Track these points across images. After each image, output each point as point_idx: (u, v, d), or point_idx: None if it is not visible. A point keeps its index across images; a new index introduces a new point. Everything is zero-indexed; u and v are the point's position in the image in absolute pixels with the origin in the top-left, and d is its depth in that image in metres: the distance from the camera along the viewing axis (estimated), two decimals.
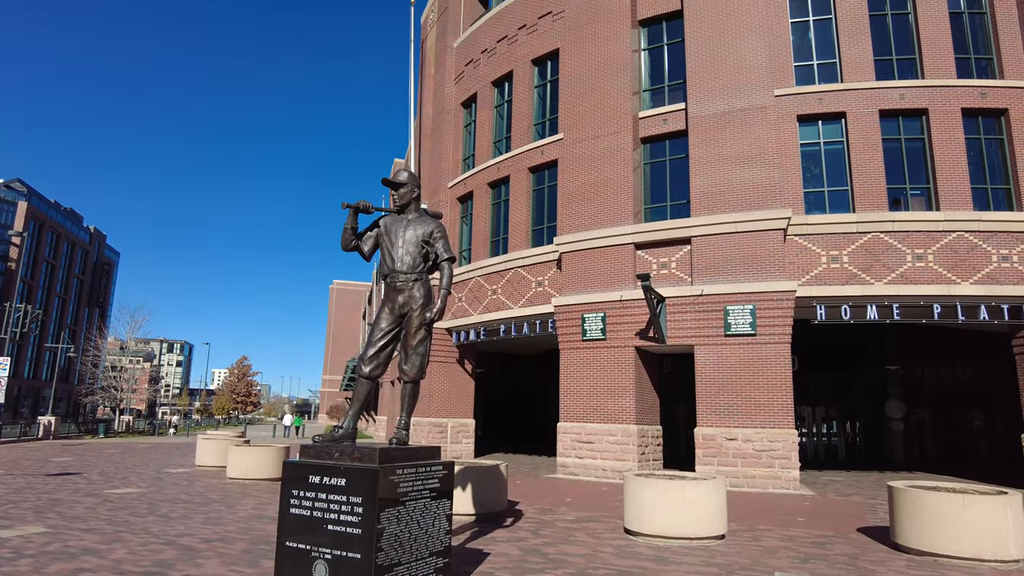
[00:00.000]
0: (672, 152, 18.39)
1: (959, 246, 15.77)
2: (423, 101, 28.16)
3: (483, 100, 23.79)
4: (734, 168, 16.69)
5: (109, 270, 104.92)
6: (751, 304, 15.78)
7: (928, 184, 16.60)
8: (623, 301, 17.35)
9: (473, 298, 22.11)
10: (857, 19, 17.43)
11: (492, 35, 23.55)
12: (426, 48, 29.06)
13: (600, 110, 18.92)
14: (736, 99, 17.01)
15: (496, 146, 23.19)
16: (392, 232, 6.29)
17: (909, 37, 17.47)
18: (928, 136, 16.71)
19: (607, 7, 19.35)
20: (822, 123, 17.25)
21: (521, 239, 20.91)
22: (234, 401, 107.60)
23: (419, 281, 6.13)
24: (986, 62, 17.23)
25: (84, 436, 38.40)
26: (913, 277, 15.76)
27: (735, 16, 17.44)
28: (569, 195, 19.15)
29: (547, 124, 21.30)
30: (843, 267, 16.10)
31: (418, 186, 6.61)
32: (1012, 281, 15.49)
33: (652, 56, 19.43)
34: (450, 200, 24.74)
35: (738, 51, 17.25)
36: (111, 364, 58.93)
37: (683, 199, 17.71)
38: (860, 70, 17.13)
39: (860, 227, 16.10)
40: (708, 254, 16.61)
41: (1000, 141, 16.73)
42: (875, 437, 24.72)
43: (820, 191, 16.95)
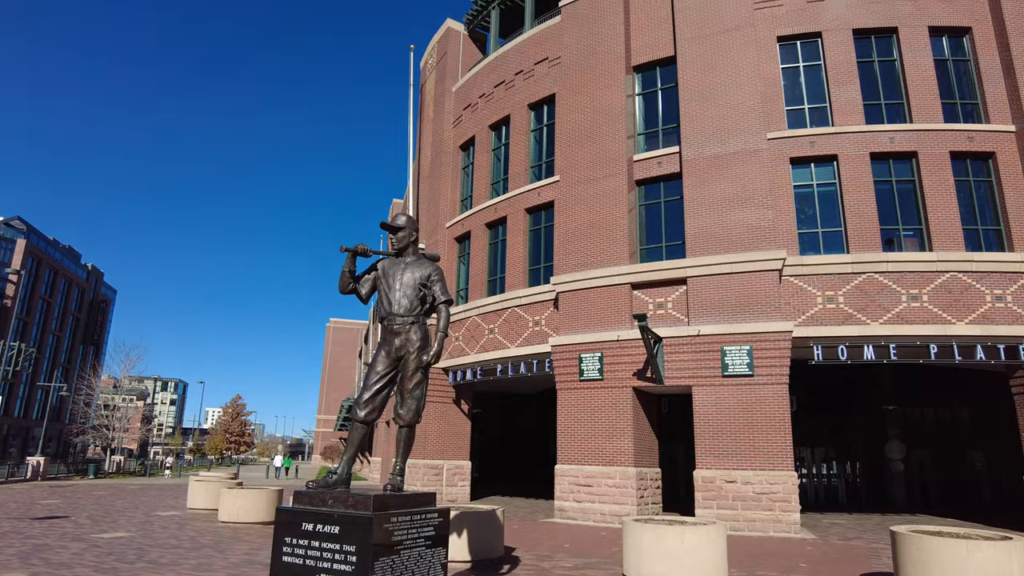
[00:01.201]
0: (667, 194, 18.64)
1: (953, 286, 15.88)
2: (422, 143, 28.61)
3: (481, 143, 24.17)
4: (728, 210, 16.90)
5: (105, 308, 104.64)
6: (748, 345, 15.79)
7: (920, 225, 16.80)
8: (620, 341, 17.34)
9: (470, 337, 22.07)
10: (845, 65, 17.89)
11: (490, 80, 24.08)
12: (425, 92, 29.66)
13: (595, 153, 19.23)
14: (729, 142, 17.33)
15: (494, 187, 23.48)
16: (390, 275, 6.33)
17: (896, 83, 17.91)
18: (918, 178, 16.99)
19: (602, 53, 19.85)
20: (815, 165, 17.54)
21: (518, 279, 21.00)
22: (227, 441, 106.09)
23: (416, 324, 6.15)
24: (972, 107, 17.64)
25: (73, 477, 37.74)
26: (909, 317, 15.82)
27: (727, 62, 17.89)
28: (566, 236, 19.31)
29: (544, 166, 21.62)
30: (839, 307, 16.16)
31: (416, 230, 6.68)
32: (1007, 321, 15.55)
33: (646, 101, 19.86)
34: (448, 240, 24.91)
35: (730, 96, 17.64)
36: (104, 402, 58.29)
37: (678, 240, 17.87)
38: (850, 114, 17.51)
39: (855, 267, 16.23)
40: (704, 294, 16.68)
41: (989, 183, 17.01)
42: (876, 478, 24.41)
43: (814, 232, 17.13)
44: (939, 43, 18.09)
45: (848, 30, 18.11)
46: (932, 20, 17.89)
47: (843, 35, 18.10)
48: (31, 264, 77.21)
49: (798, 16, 18.44)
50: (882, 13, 18.08)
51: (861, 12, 18.16)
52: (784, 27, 18.41)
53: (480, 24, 27.55)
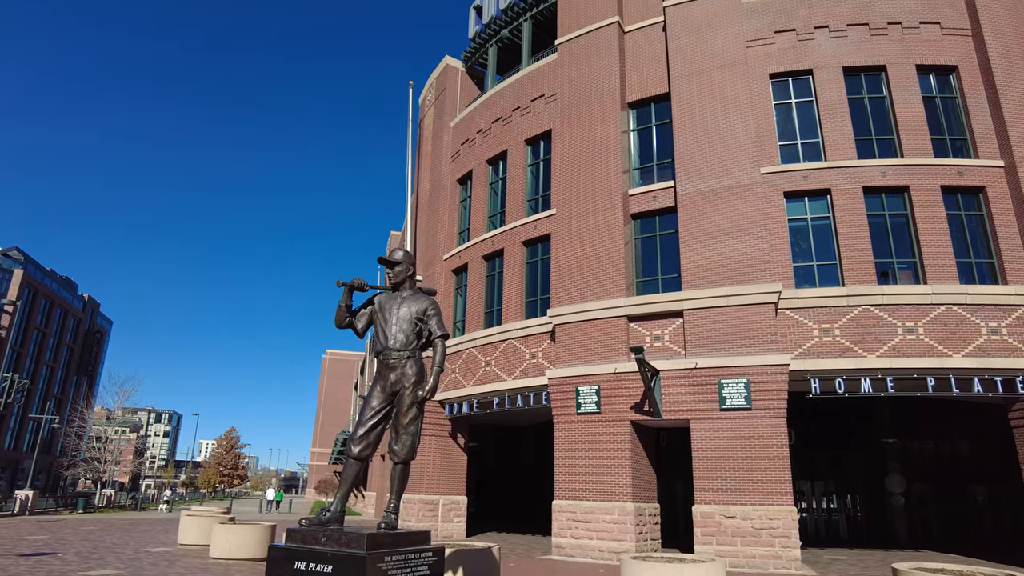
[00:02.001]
0: (662, 227, 18.81)
1: (948, 319, 15.93)
2: (420, 177, 28.92)
3: (478, 177, 24.44)
4: (723, 243, 17.03)
5: (100, 338, 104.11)
6: (745, 378, 15.76)
7: (914, 258, 16.93)
8: (617, 374, 17.29)
9: (467, 370, 21.99)
10: (836, 102, 18.22)
11: (487, 116, 24.46)
12: (424, 127, 30.09)
13: (591, 187, 19.45)
14: (723, 177, 17.55)
15: (491, 220, 23.66)
16: (386, 309, 6.34)
17: (887, 119, 18.23)
18: (911, 212, 17.17)
19: (597, 90, 20.22)
20: (808, 199, 17.74)
21: (515, 311, 21.02)
22: (221, 474, 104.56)
23: (412, 359, 6.14)
24: (961, 142, 17.93)
25: (63, 511, 37.08)
26: (905, 350, 15.83)
27: (720, 98, 18.22)
28: (562, 268, 19.41)
29: (540, 200, 21.83)
30: (835, 340, 16.18)
31: (413, 264, 6.71)
32: (1003, 353, 15.57)
33: (641, 136, 20.18)
34: (445, 272, 25.00)
35: (724, 131, 17.93)
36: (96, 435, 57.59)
37: (674, 273, 17.97)
38: (842, 149, 17.78)
39: (850, 300, 16.30)
40: (701, 327, 16.71)
41: (980, 217, 17.20)
42: (876, 512, 24.14)
43: (809, 265, 17.24)
44: (927, 81, 18.48)
45: (838, 68, 18.51)
46: (919, 59, 18.31)
47: (834, 73, 18.48)
48: (27, 294, 77.03)
49: (789, 54, 18.86)
50: (870, 52, 18.50)
51: (850, 51, 18.59)
52: (776, 65, 18.82)
53: (478, 61, 28.09)
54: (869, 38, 18.66)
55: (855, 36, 18.72)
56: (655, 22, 20.34)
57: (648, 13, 20.70)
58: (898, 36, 18.60)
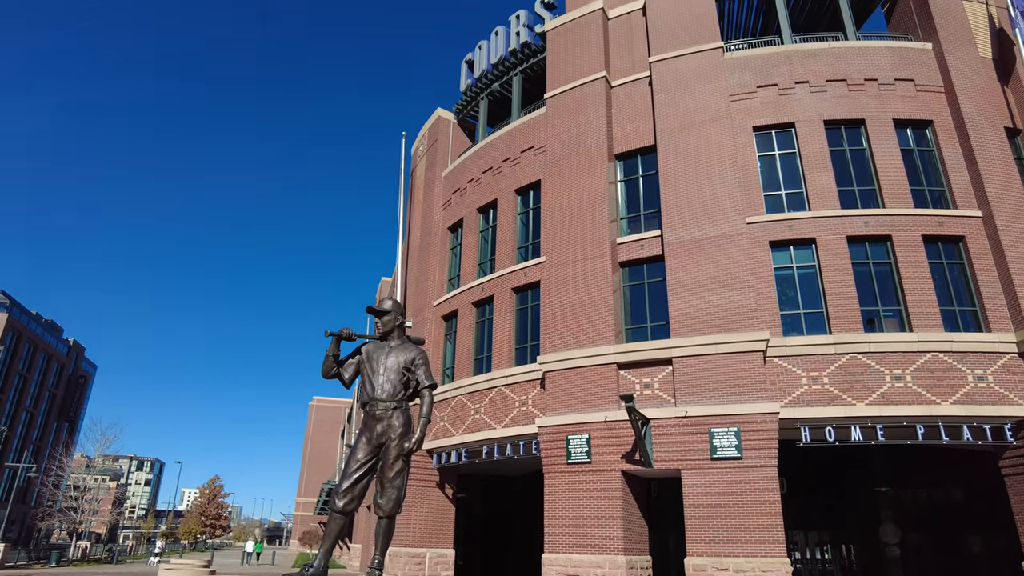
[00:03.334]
0: (650, 275, 18.98)
1: (935, 366, 16.02)
2: (411, 224, 29.16)
3: (469, 225, 24.69)
4: (711, 291, 17.19)
5: (84, 384, 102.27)
6: (735, 426, 15.69)
7: (899, 306, 17.12)
8: (608, 422, 17.17)
9: (455, 418, 21.75)
10: (819, 153, 18.70)
11: (478, 166, 24.88)
12: (416, 176, 30.50)
13: (580, 236, 19.68)
14: (709, 227, 17.84)
15: (481, 267, 23.80)
16: (374, 359, 6.32)
17: (867, 170, 18.69)
18: (894, 260, 17.45)
19: (585, 143, 20.67)
20: (794, 248, 18.01)
21: (505, 358, 20.95)
22: (203, 524, 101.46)
23: (399, 409, 6.09)
24: (939, 193, 18.38)
25: (34, 565, 35.75)
26: (894, 397, 15.86)
27: (705, 150, 18.67)
28: (552, 315, 19.45)
29: (530, 248, 22.03)
30: (824, 388, 16.20)
31: (402, 313, 6.72)
32: (990, 401, 15.63)
33: (628, 187, 20.56)
34: (435, 318, 24.97)
35: (709, 182, 18.30)
36: (74, 483, 55.93)
37: (663, 320, 18.05)
38: (826, 199, 18.15)
39: (837, 348, 16.39)
40: (690, 375, 16.70)
41: (961, 265, 17.50)
42: (872, 563, 23.69)
43: (796, 313, 17.39)
44: (904, 134, 19.06)
45: (819, 121, 19.06)
46: (895, 114, 18.92)
47: (815, 126, 19.03)
48: (11, 339, 75.89)
49: (772, 108, 19.43)
50: (849, 107, 19.11)
51: (830, 105, 19.19)
52: (759, 118, 19.37)
53: (469, 113, 28.72)
54: (848, 93, 19.30)
55: (834, 91, 19.36)
56: (641, 77, 20.98)
57: (634, 68, 21.37)
58: (875, 92, 19.25)
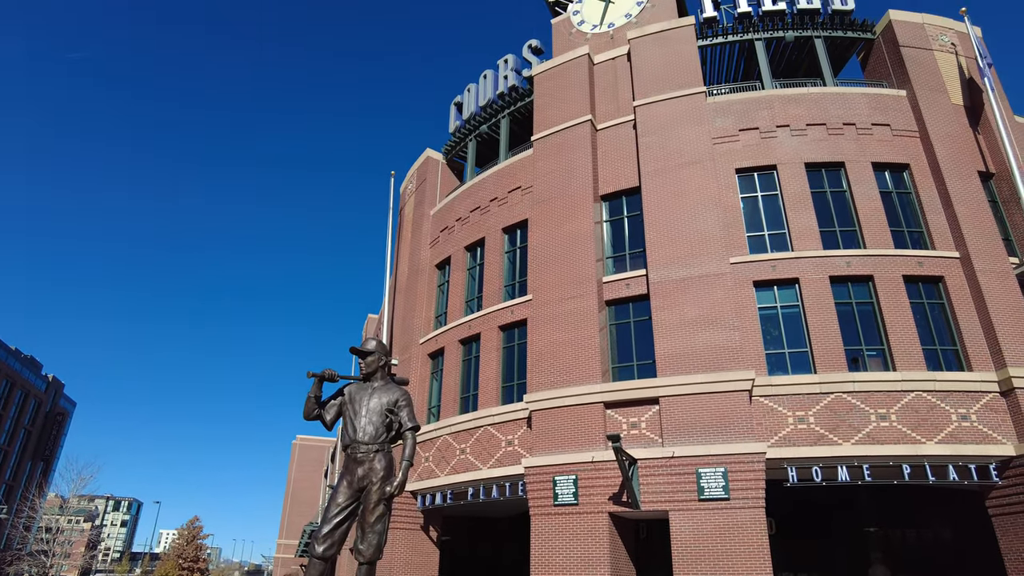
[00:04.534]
0: (636, 314, 19.08)
1: (919, 406, 16.11)
2: (399, 261, 29.23)
3: (456, 263, 24.80)
4: (696, 331, 17.27)
5: (62, 421, 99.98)
6: (723, 467, 15.60)
7: (882, 345, 17.28)
8: (595, 463, 17.01)
9: (440, 458, 21.46)
10: (800, 195, 19.07)
11: (466, 205, 25.13)
12: (404, 214, 30.69)
13: (566, 274, 19.81)
14: (694, 267, 18.03)
15: (468, 305, 23.81)
16: (356, 401, 6.28)
17: (848, 211, 19.07)
18: (877, 300, 17.68)
19: (571, 184, 20.98)
20: (777, 288, 18.22)
21: (491, 396, 20.81)
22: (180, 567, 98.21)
23: (381, 452, 6.05)
24: (918, 234, 18.75)
25: None
26: (879, 437, 15.89)
27: (689, 192, 18.98)
28: (538, 354, 19.42)
29: (517, 286, 22.12)
30: (810, 428, 16.21)
31: (386, 354, 6.70)
32: (975, 440, 15.69)
33: (614, 226, 20.81)
34: (421, 356, 24.84)
35: (693, 223, 18.57)
36: (46, 525, 54.15)
37: (649, 359, 18.08)
38: (808, 240, 18.45)
39: (823, 387, 16.46)
40: (677, 415, 16.66)
41: (941, 305, 17.76)
42: None
43: (781, 352, 17.49)
44: (883, 177, 19.52)
45: (800, 164, 19.50)
46: (874, 157, 19.42)
47: (796, 168, 19.46)
48: None
49: (754, 151, 19.88)
50: (829, 150, 19.60)
51: (810, 148, 19.67)
52: (741, 160, 19.79)
53: (458, 154, 29.12)
54: (827, 137, 19.82)
55: (814, 135, 19.87)
56: (626, 120, 21.44)
57: (619, 112, 21.86)
58: (853, 136, 19.78)
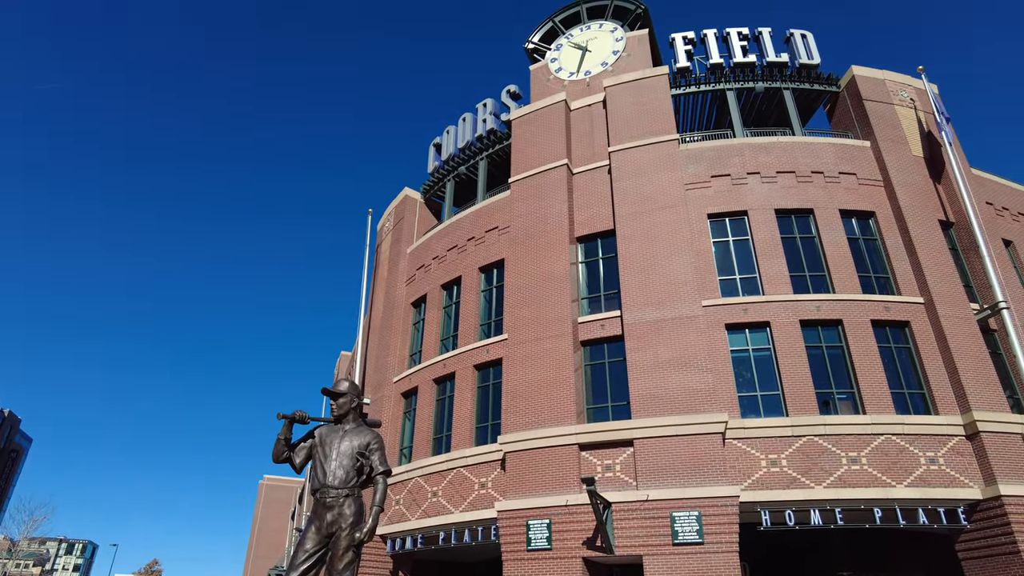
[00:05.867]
0: (611, 355, 19.16)
1: (889, 448, 16.30)
2: (374, 299, 29.09)
3: (432, 301, 24.76)
4: (670, 372, 17.38)
5: (16, 458, 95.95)
6: (697, 510, 15.52)
7: (852, 388, 17.53)
8: (569, 506, 16.80)
9: (411, 501, 21.02)
10: (771, 240, 19.53)
11: (443, 244, 25.26)
12: (380, 251, 30.70)
13: (542, 314, 19.89)
14: (667, 309, 18.24)
15: (443, 343, 23.70)
16: (327, 443, 6.18)
17: (817, 256, 19.54)
18: (846, 344, 18.01)
19: (547, 226, 21.26)
20: (749, 331, 18.48)
21: (465, 437, 20.56)
22: None
23: (351, 497, 5.93)
24: (884, 280, 19.26)
25: None
26: (851, 480, 15.99)
27: (662, 236, 19.34)
28: (514, 393, 19.32)
29: (492, 325, 22.12)
30: (783, 471, 16.26)
31: (359, 395, 6.64)
32: (943, 484, 15.86)
33: (589, 268, 21.05)
34: (394, 395, 24.54)
35: (666, 266, 18.86)
36: None
37: (623, 400, 18.09)
38: (778, 284, 18.82)
39: (794, 430, 16.58)
40: (651, 457, 16.61)
41: (908, 349, 18.15)
42: None
43: (753, 395, 17.64)
44: (850, 224, 20.12)
45: (771, 210, 20.02)
46: (841, 204, 20.04)
47: (766, 214, 19.97)
48: None
49: (725, 197, 20.40)
50: (798, 197, 20.19)
51: (780, 195, 20.24)
52: (713, 206, 20.27)
53: (436, 194, 29.40)
54: (796, 184, 20.43)
55: (784, 182, 20.48)
56: (601, 165, 21.91)
57: (595, 157, 22.34)
58: (821, 184, 20.43)
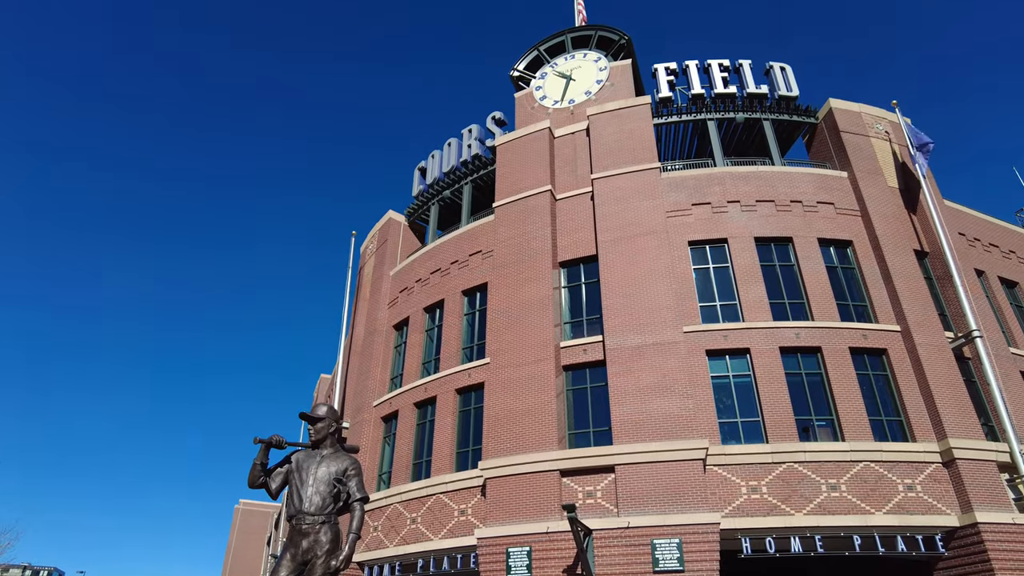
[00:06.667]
0: (593, 380, 19.17)
1: (867, 476, 16.39)
2: (356, 321, 28.90)
3: (415, 324, 24.66)
4: (651, 398, 17.41)
5: None
6: (677, 538, 15.44)
7: (831, 415, 17.67)
8: (549, 533, 16.63)
9: (390, 527, 20.68)
10: (750, 267, 19.79)
11: (426, 267, 25.26)
12: (363, 273, 30.60)
13: (525, 339, 19.89)
14: (648, 334, 18.33)
15: (425, 367, 23.56)
16: (303, 469, 6.10)
17: (797, 284, 19.81)
18: (825, 371, 18.19)
19: (531, 250, 21.38)
20: (729, 358, 18.61)
21: (445, 462, 20.35)
22: None
23: (327, 524, 5.85)
24: (862, 308, 19.56)
25: None
26: (830, 507, 16.03)
27: (644, 262, 19.51)
28: (495, 418, 19.21)
29: (475, 348, 22.06)
30: (763, 498, 16.27)
31: (337, 420, 6.57)
32: (920, 511, 15.96)
33: (572, 293, 21.15)
34: (374, 419, 24.27)
35: (648, 292, 19.00)
36: None
37: (605, 426, 18.06)
38: (758, 311, 19.03)
39: (774, 457, 16.64)
40: (632, 483, 16.54)
41: (886, 377, 18.38)
42: None
43: (734, 421, 17.71)
44: (828, 252, 20.47)
45: (750, 238, 20.33)
46: (819, 233, 20.41)
47: (746, 242, 20.26)
48: None
49: (706, 224, 20.68)
50: (777, 226, 20.52)
51: (760, 224, 20.57)
52: (694, 233, 20.53)
53: (420, 217, 29.48)
54: (776, 213, 20.78)
55: (763, 211, 20.82)
56: (584, 192, 22.15)
57: (578, 183, 22.59)
58: (800, 212, 20.81)
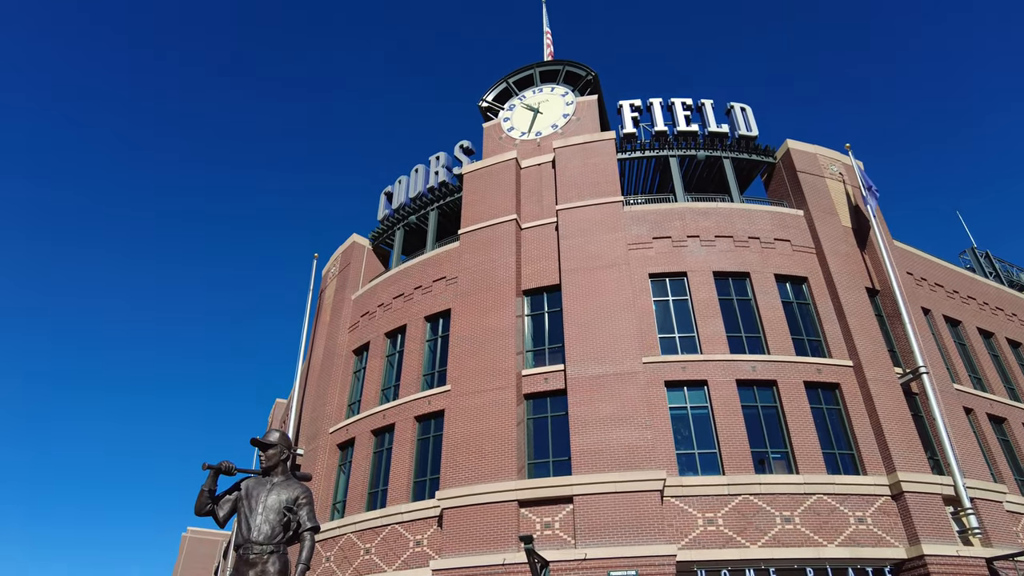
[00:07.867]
0: (553, 409, 19.17)
1: (820, 508, 16.66)
2: (315, 345, 28.40)
3: (375, 349, 24.36)
4: (610, 428, 17.46)
5: None
6: (634, 570, 15.37)
7: (786, 448, 17.98)
8: (506, 565, 16.39)
9: (343, 558, 20.10)
10: (709, 301, 20.20)
11: (390, 291, 25.08)
12: (324, 297, 30.19)
13: (487, 366, 19.82)
14: (608, 364, 18.48)
15: (384, 393, 23.22)
16: (253, 496, 5.94)
17: (753, 318, 20.27)
18: (780, 404, 18.56)
19: (495, 278, 21.45)
20: (687, 389, 18.86)
21: (402, 492, 19.97)
22: None
23: (276, 554, 5.68)
24: (816, 343, 20.09)
25: None
26: (784, 539, 16.20)
27: (605, 293, 19.75)
28: (454, 446, 18.98)
29: (436, 375, 21.87)
30: (719, 530, 16.37)
31: (289, 448, 6.45)
32: (870, 543, 16.26)
33: (535, 321, 21.23)
34: (329, 446, 23.72)
35: (609, 322, 19.20)
36: None
37: (565, 456, 18.02)
38: (716, 344, 19.37)
39: (730, 489, 16.80)
40: (590, 514, 16.47)
41: (838, 411, 18.83)
42: None
43: (691, 453, 17.86)
44: (784, 288, 21.04)
45: (709, 272, 20.79)
46: (775, 269, 20.99)
47: (705, 276, 20.71)
48: None
49: (666, 258, 21.09)
50: (735, 261, 21.05)
51: (718, 258, 21.07)
52: (654, 266, 20.92)
53: (384, 241, 29.34)
54: (734, 248, 21.33)
55: (722, 246, 21.35)
56: (548, 222, 22.41)
57: (543, 213, 22.86)
58: (758, 248, 21.39)
